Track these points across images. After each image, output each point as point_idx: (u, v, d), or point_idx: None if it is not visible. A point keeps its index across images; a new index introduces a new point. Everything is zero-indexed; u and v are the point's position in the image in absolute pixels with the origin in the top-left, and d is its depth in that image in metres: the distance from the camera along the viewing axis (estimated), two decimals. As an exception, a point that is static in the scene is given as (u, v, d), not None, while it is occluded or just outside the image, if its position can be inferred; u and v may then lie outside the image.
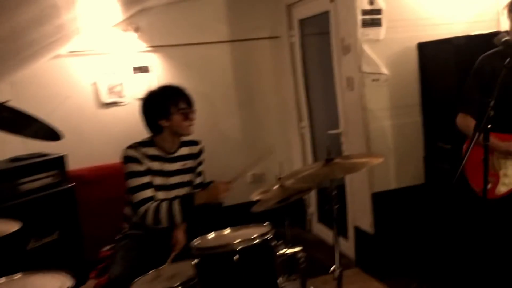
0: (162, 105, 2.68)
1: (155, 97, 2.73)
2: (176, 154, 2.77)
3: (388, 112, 3.58)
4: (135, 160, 2.62)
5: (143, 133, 2.78)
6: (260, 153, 2.74)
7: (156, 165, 2.68)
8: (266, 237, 2.02)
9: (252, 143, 4.92)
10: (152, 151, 2.69)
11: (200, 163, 2.90)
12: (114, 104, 4.37)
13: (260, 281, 2.01)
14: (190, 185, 2.83)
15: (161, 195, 2.67)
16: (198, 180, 2.88)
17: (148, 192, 2.62)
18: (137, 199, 2.60)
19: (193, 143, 2.87)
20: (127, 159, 2.64)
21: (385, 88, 3.55)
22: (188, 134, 2.76)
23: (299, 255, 2.15)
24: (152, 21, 4.47)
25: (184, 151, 2.81)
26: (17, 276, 1.98)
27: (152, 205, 2.59)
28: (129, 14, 4.26)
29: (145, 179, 2.62)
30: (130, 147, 2.67)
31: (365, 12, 3.41)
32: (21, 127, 2.47)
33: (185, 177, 2.80)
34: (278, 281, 2.03)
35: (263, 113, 5.00)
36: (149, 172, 2.64)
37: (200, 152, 2.89)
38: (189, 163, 2.83)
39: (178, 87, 2.77)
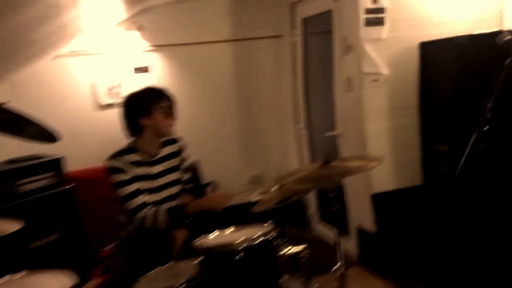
0: (143, 103, 2.66)
1: (137, 96, 2.72)
2: (159, 156, 2.76)
3: (386, 113, 3.57)
4: (119, 171, 2.61)
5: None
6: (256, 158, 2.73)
7: (141, 171, 2.67)
8: (269, 236, 2.02)
9: (249, 144, 4.92)
10: (134, 157, 2.67)
11: (183, 160, 2.89)
12: (112, 105, 4.33)
13: (263, 280, 2.01)
14: (178, 183, 2.83)
15: (151, 198, 2.67)
16: (185, 177, 2.89)
17: (140, 198, 2.62)
18: (131, 207, 2.61)
19: (173, 141, 2.87)
20: (111, 170, 2.63)
21: (384, 89, 3.54)
22: (169, 135, 2.75)
23: (303, 254, 2.15)
24: (154, 20, 4.46)
25: (166, 151, 2.80)
26: (21, 274, 1.98)
27: (149, 212, 2.60)
28: (133, 12, 4.26)
29: (134, 186, 2.62)
30: (112, 157, 2.65)
31: (368, 11, 3.40)
32: (19, 129, 2.46)
33: (172, 177, 2.79)
34: (282, 279, 2.03)
35: (261, 114, 4.98)
36: (135, 179, 2.64)
37: (181, 149, 2.89)
38: (173, 162, 2.82)
39: (161, 88, 2.78)
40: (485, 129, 2.05)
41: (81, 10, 2.94)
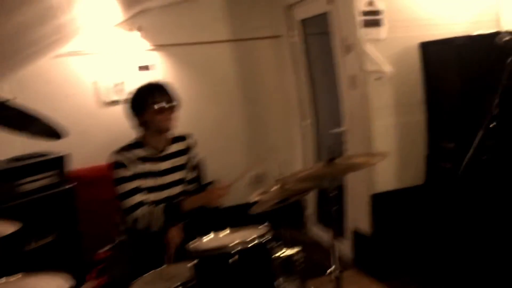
0: (138, 100, 2.64)
1: (134, 93, 2.70)
2: (166, 152, 2.72)
3: (391, 110, 3.57)
4: (121, 166, 2.58)
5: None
6: (261, 155, 2.68)
7: (147, 167, 2.63)
8: (264, 238, 2.02)
9: (255, 142, 4.92)
10: (141, 152, 2.64)
11: (191, 158, 2.84)
12: (116, 102, 4.36)
13: (258, 283, 2.01)
14: (182, 182, 2.78)
15: (153, 196, 2.63)
16: (190, 176, 2.83)
17: (137, 198, 2.58)
18: (126, 206, 2.57)
19: (182, 138, 2.82)
20: (114, 165, 2.59)
21: (388, 87, 3.54)
22: (167, 130, 2.67)
23: (298, 256, 2.15)
24: (155, 21, 4.47)
25: (174, 148, 2.76)
26: (16, 277, 1.98)
27: (141, 212, 2.56)
28: (131, 14, 4.27)
29: (133, 184, 2.58)
30: (117, 151, 2.62)
31: (364, 13, 3.41)
32: (25, 126, 2.45)
33: (177, 175, 2.74)
34: (276, 282, 2.03)
35: (265, 111, 5.00)
36: (137, 176, 2.60)
37: (190, 147, 2.83)
38: (181, 160, 2.77)
39: (158, 83, 2.73)
40: (491, 126, 2.04)
41: (77, 11, 2.94)
